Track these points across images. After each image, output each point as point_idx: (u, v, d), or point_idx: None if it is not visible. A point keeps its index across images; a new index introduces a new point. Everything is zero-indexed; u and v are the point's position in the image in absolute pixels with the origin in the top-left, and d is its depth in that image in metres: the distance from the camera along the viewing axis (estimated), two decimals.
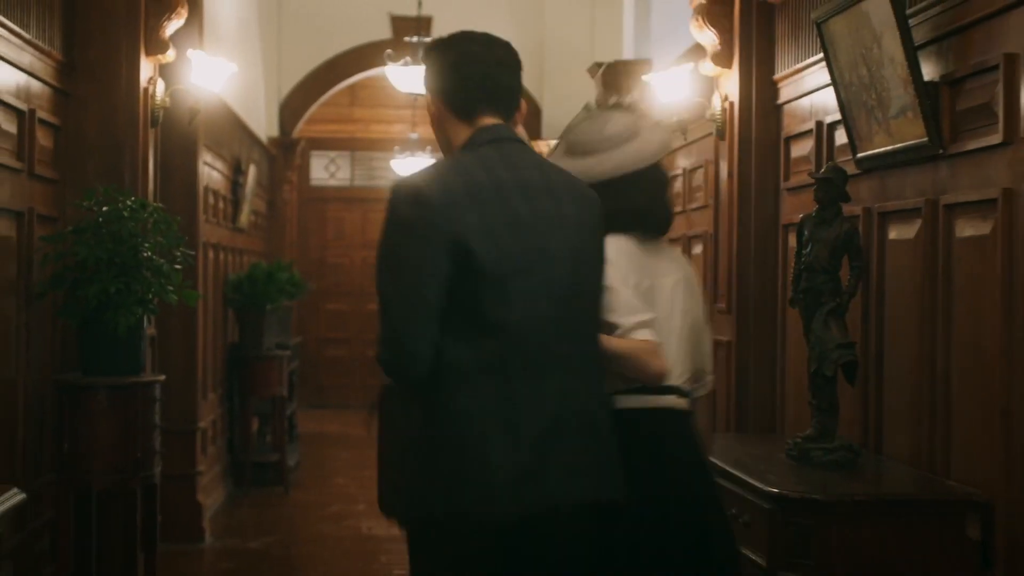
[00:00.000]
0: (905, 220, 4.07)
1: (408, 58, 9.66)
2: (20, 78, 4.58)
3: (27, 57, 4.63)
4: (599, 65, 7.94)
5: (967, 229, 3.65)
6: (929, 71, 3.84)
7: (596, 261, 2.73)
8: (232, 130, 9.04)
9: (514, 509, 2.47)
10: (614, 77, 7.79)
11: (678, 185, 6.94)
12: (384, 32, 12.39)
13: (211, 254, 8.01)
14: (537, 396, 2.52)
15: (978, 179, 3.58)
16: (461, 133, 2.72)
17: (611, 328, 2.84)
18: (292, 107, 12.61)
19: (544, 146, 12.24)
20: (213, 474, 8.19)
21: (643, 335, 2.87)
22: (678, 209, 6.98)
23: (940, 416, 3.78)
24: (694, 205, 6.59)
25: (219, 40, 8.20)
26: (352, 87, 13.71)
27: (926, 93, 3.78)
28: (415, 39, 9.74)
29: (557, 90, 12.26)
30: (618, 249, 2.92)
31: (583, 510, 2.56)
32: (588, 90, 8.33)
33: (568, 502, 2.53)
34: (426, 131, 13.94)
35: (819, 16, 4.35)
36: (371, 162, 14.87)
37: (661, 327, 2.94)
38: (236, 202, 9.27)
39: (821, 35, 4.36)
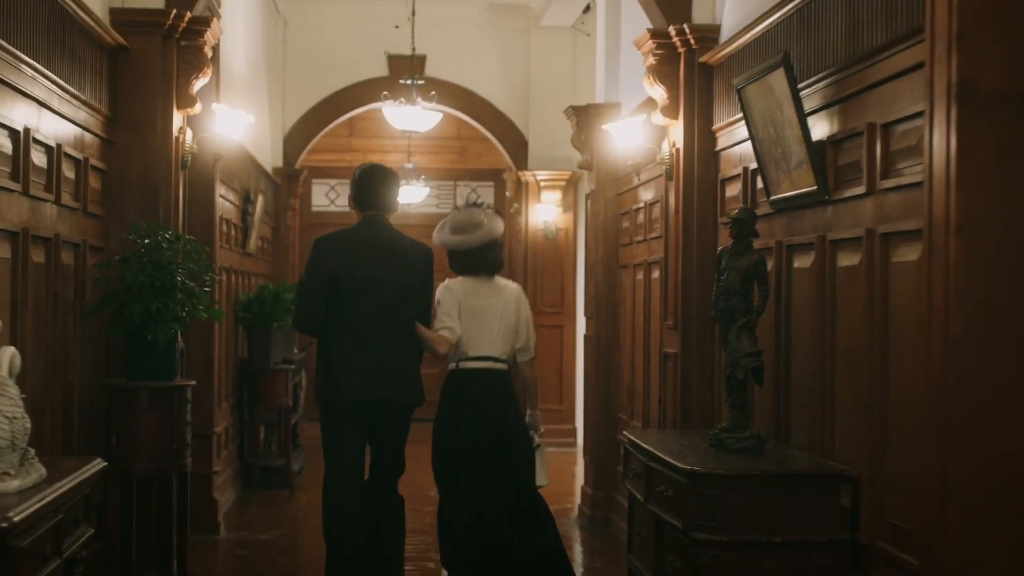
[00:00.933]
0: (804, 252, 5.00)
1: (403, 98, 10.56)
2: (76, 132, 5.50)
3: (82, 114, 5.56)
4: (574, 108, 8.87)
5: (844, 260, 4.58)
6: (818, 133, 4.78)
7: (413, 286, 5.48)
8: (243, 164, 9.95)
9: (346, 398, 5.35)
10: (586, 119, 8.73)
11: (640, 217, 7.87)
12: (381, 70, 13.22)
13: (225, 277, 8.91)
14: (364, 353, 5.34)
15: (851, 221, 4.51)
16: (358, 217, 5.59)
17: (434, 326, 5.58)
18: (295, 139, 13.43)
19: (530, 176, 13.20)
20: (226, 476, 9.07)
21: (443, 333, 5.57)
22: (639, 238, 7.92)
23: (827, 410, 4.70)
24: (653, 235, 7.51)
25: (232, 85, 9.13)
26: (351, 119, 14.47)
27: (815, 151, 4.71)
28: (409, 81, 10.61)
29: (541, 125, 13.17)
30: (459, 283, 5.71)
31: (394, 403, 5.44)
32: (567, 127, 9.24)
33: (382, 399, 5.39)
34: (420, 161, 14.91)
35: (739, 83, 5.29)
36: None
37: (480, 329, 5.62)
38: (246, 229, 10.17)
39: (740, 99, 5.29)
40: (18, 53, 4.54)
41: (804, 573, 4.36)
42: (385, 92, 10.81)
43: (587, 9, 12.15)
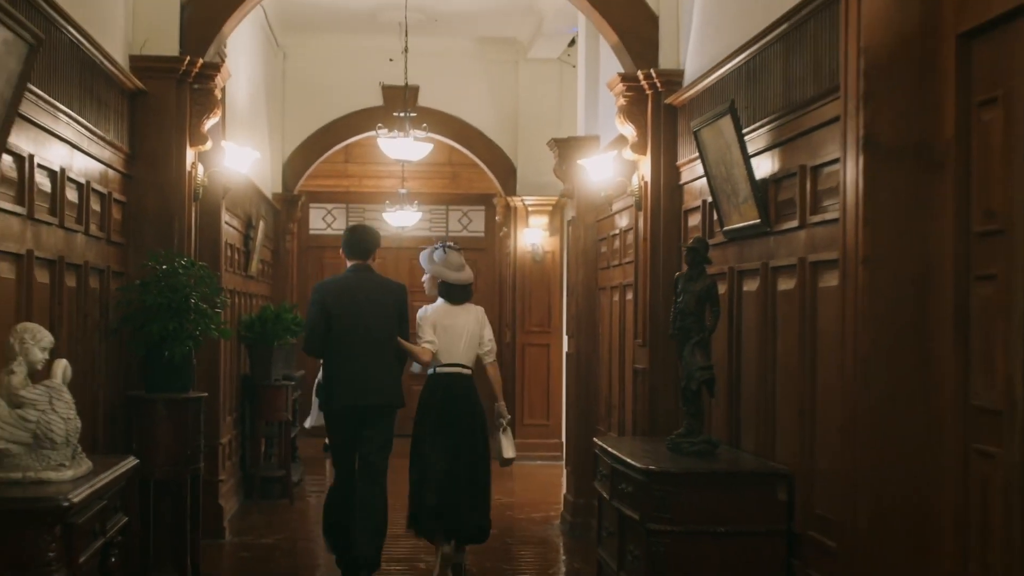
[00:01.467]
0: (751, 277, 5.62)
1: (396, 130, 11.19)
2: (102, 169, 6.12)
3: (107, 153, 6.19)
4: (556, 141, 9.51)
5: (782, 284, 5.21)
6: (762, 171, 5.41)
7: (391, 315, 6.93)
8: (246, 192, 10.57)
9: (342, 405, 6.78)
10: (567, 151, 9.37)
11: (616, 243, 8.50)
12: (376, 100, 13.88)
13: (229, 298, 9.52)
14: (352, 366, 6.78)
15: (788, 250, 5.14)
16: (346, 265, 7.08)
17: (416, 340, 7.13)
18: (294, 166, 14.06)
19: (519, 201, 13.84)
20: (230, 485, 9.66)
21: (425, 346, 7.12)
22: (616, 263, 8.55)
23: (769, 416, 5.32)
24: (627, 259, 8.13)
25: (236, 118, 9.76)
26: (347, 146, 15.06)
27: (758, 188, 5.35)
28: (402, 114, 11.24)
29: (529, 153, 13.80)
30: (434, 308, 7.31)
31: (377, 406, 6.83)
32: (552, 155, 9.87)
33: (369, 403, 6.81)
34: (413, 186, 15.52)
35: (695, 126, 5.93)
36: (364, 213, 16.28)
37: (450, 341, 7.21)
38: (248, 253, 10.79)
39: (696, 139, 5.93)
40: (54, 102, 5.16)
41: (745, 559, 4.97)
42: (380, 124, 11.43)
43: (573, 42, 12.76)
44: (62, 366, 4.01)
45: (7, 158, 4.55)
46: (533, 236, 13.79)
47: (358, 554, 6.71)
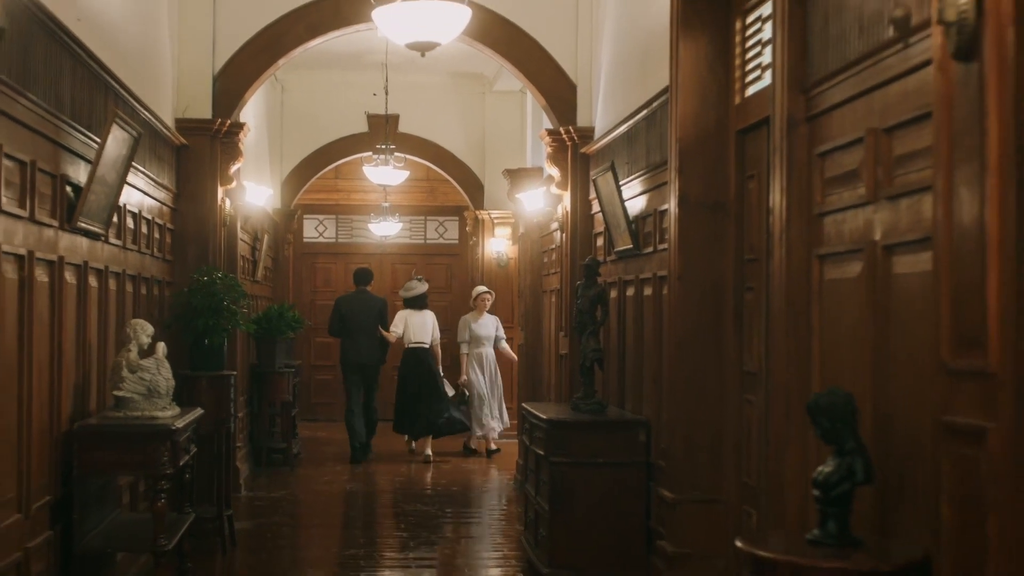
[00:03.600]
0: (631, 285, 7.84)
1: (379, 158, 13.41)
2: (158, 206, 8.32)
3: (162, 193, 8.38)
4: (508, 171, 11.74)
5: (647, 291, 7.43)
6: (634, 211, 7.63)
7: (375, 316, 13.36)
8: (255, 213, 12.76)
9: (351, 361, 13.35)
10: (517, 179, 11.59)
11: (554, 255, 10.72)
12: (362, 127, 15.99)
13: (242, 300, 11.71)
14: (356, 344, 13.36)
15: (649, 267, 7.36)
16: (351, 288, 13.37)
17: (391, 330, 13.22)
18: (291, 184, 16.13)
19: (486, 214, 16.05)
20: (243, 453, 11.84)
21: (395, 333, 13.31)
22: (554, 271, 10.77)
23: (639, 384, 7.55)
24: (551, 271, 10.36)
25: (248, 149, 11.94)
26: (337, 166, 17.19)
27: (631, 223, 7.57)
28: (383, 146, 13.45)
29: (495, 171, 15.78)
30: (406, 312, 13.46)
31: (369, 364, 13.38)
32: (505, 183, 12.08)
33: (365, 363, 13.34)
34: (395, 199, 17.63)
35: (593, 175, 8.16)
36: (352, 223, 18.28)
37: (411, 330, 13.32)
38: (255, 261, 12.96)
39: (594, 185, 8.15)
40: (135, 165, 7.36)
41: (618, 481, 7.19)
42: (368, 152, 13.62)
43: None
44: (162, 347, 6.23)
45: None
46: (498, 245, 15.96)
47: (359, 441, 13.14)
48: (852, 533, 3.70)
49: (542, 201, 9.82)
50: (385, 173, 13.23)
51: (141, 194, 7.63)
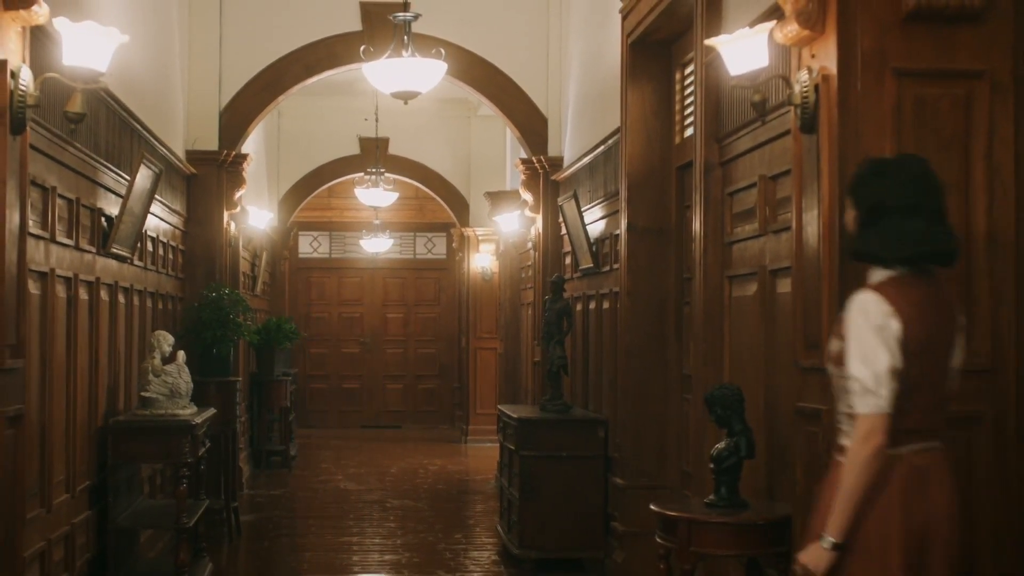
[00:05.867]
0: (594, 300, 8.84)
1: (370, 181, 14.40)
2: (171, 229, 9.30)
3: (175, 218, 9.37)
4: (489, 194, 12.75)
5: (605, 304, 8.43)
6: (595, 234, 8.62)
7: None
8: (255, 233, 13.75)
9: None
10: (497, 201, 12.60)
11: (530, 271, 11.72)
12: (354, 150, 16.88)
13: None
14: None
15: (606, 284, 8.36)
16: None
17: None
18: (288, 204, 17.02)
19: (471, 231, 17.03)
20: (244, 455, 12.81)
21: None
22: (529, 286, 11.76)
23: (599, 387, 8.54)
24: (527, 286, 11.35)
25: (249, 174, 12.92)
26: (331, 186, 18.10)
27: (592, 245, 8.56)
28: (374, 170, 14.44)
29: (479, 191, 16.52)
30: None
31: None
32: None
33: None
34: (386, 216, 18.60)
35: (559, 201, 9.15)
36: (345, 239, 19.20)
37: None
38: (254, 277, 13.94)
39: (560, 210, 9.15)
40: (156, 197, 8.34)
41: (580, 472, 8.17)
42: (359, 174, 14.62)
43: None
44: (181, 354, 7.22)
45: None
46: (483, 260, 16.90)
47: None
48: (741, 497, 4.70)
49: (518, 223, 10.83)
50: (375, 195, 14.23)
51: (158, 220, 8.61)
